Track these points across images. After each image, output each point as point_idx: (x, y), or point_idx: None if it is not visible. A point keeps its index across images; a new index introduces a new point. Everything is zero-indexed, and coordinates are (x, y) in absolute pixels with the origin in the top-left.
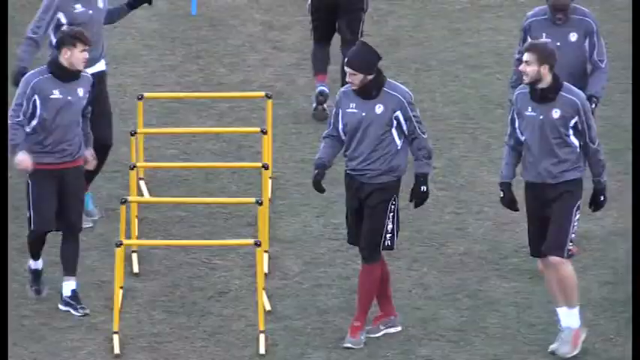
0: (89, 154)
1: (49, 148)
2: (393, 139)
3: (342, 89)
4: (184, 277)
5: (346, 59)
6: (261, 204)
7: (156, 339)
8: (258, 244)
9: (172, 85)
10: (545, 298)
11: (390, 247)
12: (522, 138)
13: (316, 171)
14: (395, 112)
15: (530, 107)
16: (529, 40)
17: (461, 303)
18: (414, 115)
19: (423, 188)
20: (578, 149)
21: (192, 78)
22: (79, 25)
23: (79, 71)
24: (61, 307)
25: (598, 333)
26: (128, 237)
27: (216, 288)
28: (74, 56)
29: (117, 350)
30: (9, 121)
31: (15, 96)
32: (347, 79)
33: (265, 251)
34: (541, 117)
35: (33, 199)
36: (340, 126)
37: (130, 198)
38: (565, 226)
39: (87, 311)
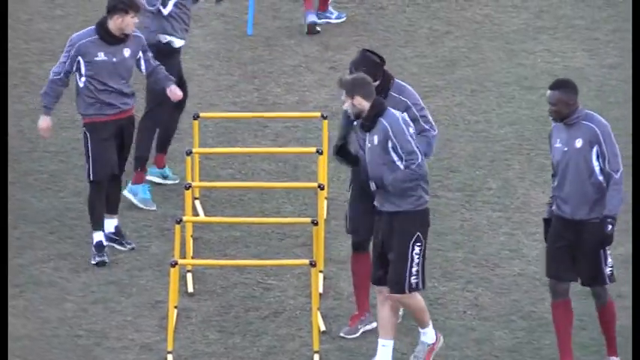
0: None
1: (101, 101)
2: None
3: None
4: (239, 297)
5: None
6: (316, 224)
7: (210, 359)
8: (313, 265)
9: (228, 104)
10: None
11: None
12: None
13: None
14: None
15: (363, 138)
16: (551, 146)
17: (515, 324)
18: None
19: None
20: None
21: (248, 98)
22: None
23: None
24: (105, 243)
25: None
26: (183, 256)
27: (270, 308)
28: (125, 22)
29: None
30: (50, 76)
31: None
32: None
33: (320, 271)
34: (368, 145)
35: (92, 150)
36: None
37: (185, 218)
38: (402, 262)
39: (133, 245)
